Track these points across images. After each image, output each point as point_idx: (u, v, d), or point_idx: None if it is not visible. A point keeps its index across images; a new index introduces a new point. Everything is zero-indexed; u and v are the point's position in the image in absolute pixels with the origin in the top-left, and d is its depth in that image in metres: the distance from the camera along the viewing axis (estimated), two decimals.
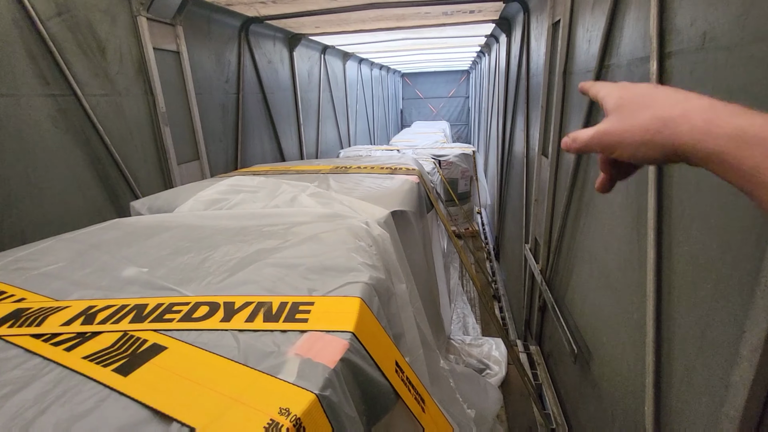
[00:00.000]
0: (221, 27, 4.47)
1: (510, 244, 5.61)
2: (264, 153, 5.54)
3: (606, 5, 2.04)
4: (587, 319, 2.35)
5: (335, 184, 2.00)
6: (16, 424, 0.56)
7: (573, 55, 2.70)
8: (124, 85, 3.17)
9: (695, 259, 1.32)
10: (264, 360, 0.70)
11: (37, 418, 0.57)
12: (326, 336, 0.77)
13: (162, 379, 0.65)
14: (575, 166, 2.50)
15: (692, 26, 1.34)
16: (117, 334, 0.78)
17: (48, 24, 2.56)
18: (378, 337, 0.89)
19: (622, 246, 1.88)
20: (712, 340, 1.21)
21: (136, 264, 1.11)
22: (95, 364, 0.69)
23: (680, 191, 1.41)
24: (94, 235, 1.37)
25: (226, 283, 0.98)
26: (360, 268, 1.03)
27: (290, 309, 0.85)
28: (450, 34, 7.05)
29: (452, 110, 17.32)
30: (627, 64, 1.85)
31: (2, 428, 0.55)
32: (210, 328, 0.80)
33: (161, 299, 0.90)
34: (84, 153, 2.84)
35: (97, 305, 0.89)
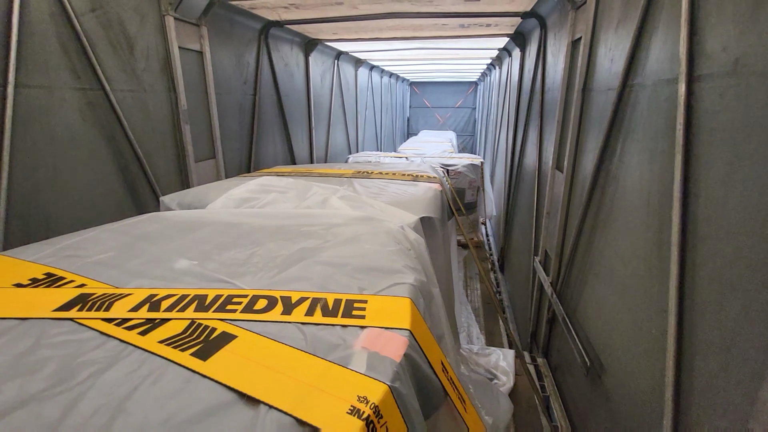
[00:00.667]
0: (243, 29, 4.55)
1: (516, 255, 5.65)
2: (276, 154, 5.60)
3: (631, 26, 2.10)
4: (600, 332, 2.37)
5: (361, 189, 2.04)
6: (113, 399, 0.59)
7: (593, 72, 2.76)
8: (149, 81, 3.22)
9: (721, 278, 1.36)
10: (332, 351, 0.73)
11: (132, 395, 0.61)
12: (386, 332, 0.80)
13: (239, 365, 0.69)
14: (593, 180, 2.54)
15: (724, 51, 1.39)
16: (185, 322, 0.81)
17: (82, 19, 2.62)
18: (427, 337, 0.92)
19: (641, 262, 1.91)
20: (738, 357, 1.24)
21: (184, 256, 1.14)
22: (173, 349, 0.72)
23: (707, 210, 1.45)
24: (136, 227, 1.40)
25: (278, 278, 1.02)
26: (404, 270, 1.07)
27: (346, 305, 0.89)
28: (463, 46, 7.15)
29: (458, 121, 17.45)
30: (653, 84, 1.90)
31: (101, 401, 0.58)
32: (272, 319, 0.83)
33: (219, 291, 0.94)
34: (108, 146, 2.89)
35: (158, 294, 0.92)
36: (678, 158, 1.58)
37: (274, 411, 0.59)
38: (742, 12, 1.31)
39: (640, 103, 2.03)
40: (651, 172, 1.86)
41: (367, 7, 4.28)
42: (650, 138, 1.89)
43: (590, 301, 2.58)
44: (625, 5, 2.27)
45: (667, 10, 1.81)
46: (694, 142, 1.54)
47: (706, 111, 1.48)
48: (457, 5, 4.18)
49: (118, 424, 0.55)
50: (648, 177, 1.89)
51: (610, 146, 2.38)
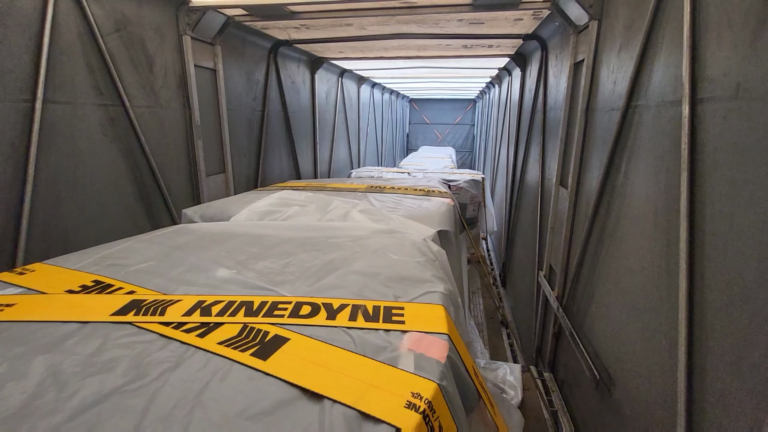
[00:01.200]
0: (254, 48, 4.69)
1: (519, 270, 5.69)
2: (282, 169, 5.68)
3: (634, 50, 2.22)
4: (609, 345, 2.42)
5: (377, 203, 2.11)
6: (189, 393, 0.64)
7: (596, 93, 2.88)
8: (166, 98, 3.32)
9: (729, 290, 1.42)
10: (381, 353, 0.79)
11: (204, 390, 0.66)
12: (428, 336, 0.86)
13: (297, 364, 0.74)
14: (598, 196, 2.63)
15: (726, 76, 1.49)
16: (238, 326, 0.87)
17: (107, 39, 2.72)
18: (460, 342, 0.98)
19: (650, 275, 1.97)
20: (750, 365, 1.30)
21: (222, 265, 1.20)
22: (233, 349, 0.78)
23: (713, 225, 1.52)
24: (169, 238, 1.46)
25: (317, 287, 1.07)
26: (433, 279, 1.12)
27: (385, 312, 0.94)
28: (464, 65, 7.36)
29: (457, 137, 17.71)
30: (656, 105, 2.00)
31: (179, 395, 0.63)
32: (319, 324, 0.89)
33: (264, 298, 0.99)
34: (126, 160, 2.96)
35: (206, 300, 0.98)
36: (684, 176, 1.67)
37: (338, 405, 0.64)
38: (742, 40, 1.42)
39: (645, 123, 2.13)
40: (657, 188, 1.95)
41: (375, 28, 4.44)
42: (655, 156, 1.98)
43: (597, 315, 2.63)
44: (627, 31, 2.40)
45: (669, 36, 1.93)
46: (699, 160, 1.63)
47: (710, 132, 1.57)
48: (461, 27, 4.35)
49: (198, 415, 0.60)
50: (654, 193, 1.97)
51: (614, 164, 2.47)
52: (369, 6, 3.60)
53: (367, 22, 4.21)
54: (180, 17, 3.39)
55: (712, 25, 1.60)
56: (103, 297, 0.99)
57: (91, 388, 0.65)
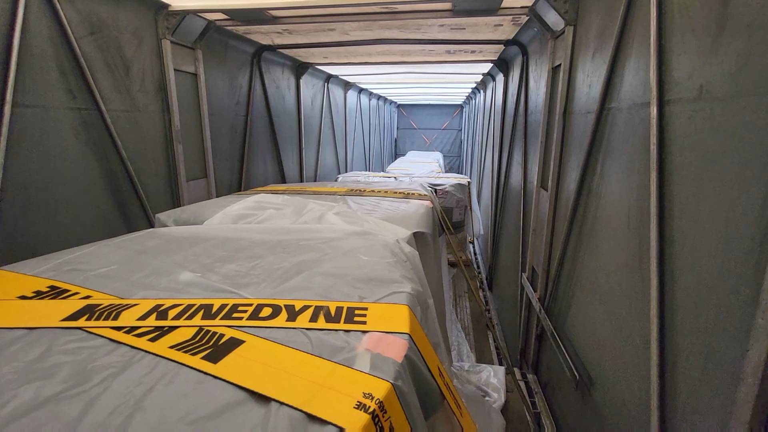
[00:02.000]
0: (236, 52, 4.67)
1: (504, 273, 5.72)
2: (266, 174, 5.64)
3: (606, 55, 2.26)
4: (588, 345, 2.43)
5: (355, 205, 2.09)
6: (130, 399, 0.62)
7: (573, 97, 2.93)
8: (144, 102, 3.27)
9: (697, 287, 1.44)
10: (337, 353, 0.77)
11: (147, 395, 0.63)
12: (388, 336, 0.84)
13: (249, 367, 0.72)
14: (576, 197, 2.66)
15: (690, 79, 1.53)
16: (193, 329, 0.84)
17: (81, 42, 2.68)
18: (424, 342, 0.97)
19: (624, 274, 2.00)
20: (716, 360, 1.31)
21: (187, 269, 1.17)
22: (183, 353, 0.75)
23: (681, 223, 1.55)
24: (136, 242, 1.42)
25: (281, 288, 1.05)
26: (401, 280, 1.12)
27: (347, 312, 0.93)
28: (449, 71, 7.43)
29: (445, 142, 17.85)
30: (628, 108, 2.04)
31: (118, 401, 0.61)
32: (278, 326, 0.87)
33: (224, 300, 0.97)
34: (100, 165, 2.90)
35: (164, 304, 0.95)
36: (653, 175, 1.70)
37: (285, 407, 0.62)
38: (704, 44, 1.45)
39: (617, 125, 2.17)
40: (630, 188, 1.98)
41: (358, 34, 4.46)
42: (628, 157, 2.02)
43: (577, 316, 2.65)
44: (600, 36, 2.45)
45: (638, 41, 1.97)
46: (667, 160, 1.66)
47: (677, 133, 1.60)
48: (443, 33, 4.39)
49: (136, 421, 0.57)
50: (627, 193, 2.00)
51: (591, 165, 2.51)
52: (351, 11, 3.61)
53: (350, 28, 4.22)
54: (159, 21, 3.36)
55: (676, 30, 1.64)
56: (56, 302, 0.95)
57: (26, 395, 0.62)
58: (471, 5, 3.26)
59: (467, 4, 3.24)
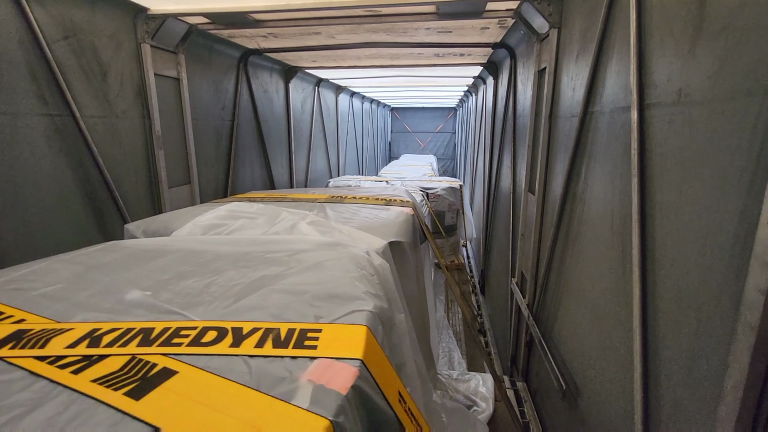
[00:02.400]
0: (221, 57, 4.60)
1: (496, 278, 5.68)
2: (254, 179, 5.57)
3: (589, 58, 2.22)
4: (575, 354, 2.38)
5: (332, 213, 2.03)
6: None
7: (558, 100, 2.89)
8: (122, 108, 3.20)
9: (678, 296, 1.39)
10: (277, 386, 0.71)
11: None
12: (336, 363, 0.78)
13: (175, 404, 0.65)
14: (561, 202, 2.61)
15: (669, 82, 1.48)
16: (125, 358, 0.78)
17: (53, 46, 2.60)
18: (383, 366, 0.90)
19: (608, 282, 1.95)
20: (698, 375, 1.26)
21: (138, 287, 1.11)
22: (105, 388, 0.69)
23: (662, 230, 1.50)
24: (92, 257, 1.35)
25: (233, 308, 0.99)
26: (364, 296, 1.05)
27: (299, 335, 0.87)
28: (440, 74, 7.40)
29: (439, 145, 17.85)
30: (610, 112, 2.00)
31: None
32: (219, 353, 0.80)
33: (168, 323, 0.91)
34: (75, 173, 2.82)
35: (101, 328, 0.88)
36: (634, 181, 1.65)
37: None
38: (682, 47, 1.41)
39: (600, 129, 2.12)
40: (612, 193, 1.93)
41: (344, 37, 4.41)
42: (610, 161, 1.97)
43: (565, 323, 2.60)
44: (583, 38, 2.41)
45: (619, 43, 1.93)
46: (648, 166, 1.61)
47: (657, 137, 1.56)
48: (430, 36, 4.35)
49: None
50: (610, 198, 1.96)
51: (575, 169, 2.46)
52: (334, 14, 3.56)
53: (335, 31, 4.17)
54: (138, 25, 3.29)
55: (655, 32, 1.60)
56: None
57: None
58: (455, 8, 3.22)
59: (451, 7, 3.20)
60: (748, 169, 1.09)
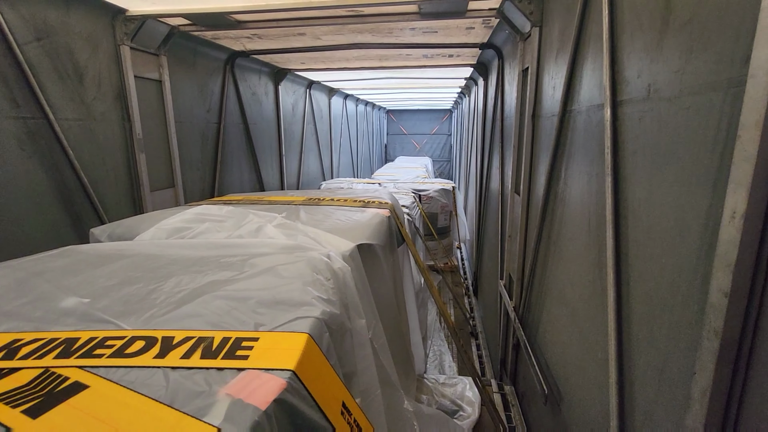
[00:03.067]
0: (206, 58, 4.56)
1: (487, 280, 5.63)
2: (243, 182, 5.52)
3: (567, 57, 2.18)
4: (558, 358, 2.33)
5: (305, 216, 1.99)
6: None
7: (541, 99, 2.85)
8: (101, 110, 3.15)
9: (650, 299, 1.35)
10: (192, 401, 0.66)
11: None
12: (264, 375, 0.73)
13: (74, 423, 0.60)
14: (544, 203, 2.57)
15: (639, 78, 1.44)
16: (36, 371, 0.73)
17: (24, 48, 2.56)
18: (324, 376, 0.85)
19: (586, 284, 1.90)
20: (669, 380, 1.21)
21: (78, 294, 1.05)
22: (3, 404, 0.63)
23: (635, 232, 1.46)
24: (40, 263, 1.30)
25: (170, 316, 0.94)
26: (313, 302, 1.01)
27: (232, 345, 0.82)
28: (431, 75, 7.38)
29: (435, 147, 17.84)
30: (586, 110, 1.96)
31: None
32: (141, 365, 0.75)
33: (95, 333, 0.85)
34: (50, 177, 2.77)
35: (23, 338, 0.83)
36: (608, 180, 1.61)
37: None
38: (650, 41, 1.37)
39: (578, 128, 2.08)
40: (589, 194, 1.89)
41: (330, 38, 4.38)
42: (587, 161, 1.93)
43: (548, 326, 2.55)
44: (561, 37, 2.37)
45: (594, 40, 1.89)
46: (621, 164, 1.57)
47: (628, 134, 1.52)
48: (416, 37, 4.32)
49: None
50: (587, 199, 1.91)
51: (556, 169, 2.42)
52: (316, 14, 3.53)
53: (320, 32, 4.14)
54: (116, 26, 3.25)
55: (626, 27, 1.57)
56: None
57: None
58: (437, 7, 3.18)
59: (433, 7, 3.17)
60: (712, 166, 1.05)
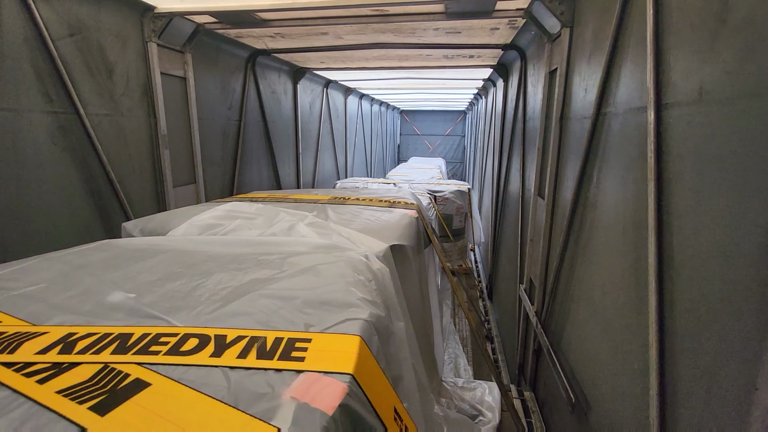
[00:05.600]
0: (229, 56, 4.60)
1: (504, 283, 5.56)
2: (261, 180, 5.55)
3: (602, 57, 2.13)
4: (585, 365, 2.28)
5: (333, 215, 1.98)
6: None
7: (569, 101, 2.80)
8: (128, 106, 3.19)
9: (698, 310, 1.30)
10: (256, 403, 0.65)
11: None
12: (324, 378, 0.72)
13: (142, 422, 0.59)
14: (572, 208, 2.52)
15: (688, 80, 1.39)
16: (97, 366, 0.72)
17: (58, 44, 2.60)
18: (377, 381, 0.84)
19: (620, 291, 1.85)
20: (720, 396, 1.17)
21: (122, 288, 1.05)
22: (70, 400, 0.63)
23: (680, 239, 1.41)
24: (81, 256, 1.31)
25: (218, 313, 0.93)
26: (359, 303, 0.99)
27: (286, 345, 0.81)
28: (449, 76, 7.33)
29: (448, 148, 17.75)
30: (623, 112, 1.91)
31: None
32: (198, 363, 0.75)
33: (148, 329, 0.85)
34: (79, 171, 2.81)
35: (77, 332, 0.83)
36: (651, 185, 1.56)
37: None
38: (701, 43, 1.32)
39: (613, 130, 2.03)
40: (626, 199, 1.84)
41: (352, 38, 4.37)
42: (624, 165, 1.88)
43: (573, 333, 2.50)
44: (596, 38, 2.32)
45: (634, 42, 1.84)
46: (666, 169, 1.52)
47: (675, 138, 1.47)
48: (439, 37, 4.29)
49: None
50: (623, 204, 1.87)
51: (587, 173, 2.37)
52: (341, 14, 3.52)
53: (343, 32, 4.13)
54: (144, 23, 3.29)
55: (674, 28, 1.52)
56: None
57: None
58: (464, 7, 3.15)
59: (460, 6, 3.14)
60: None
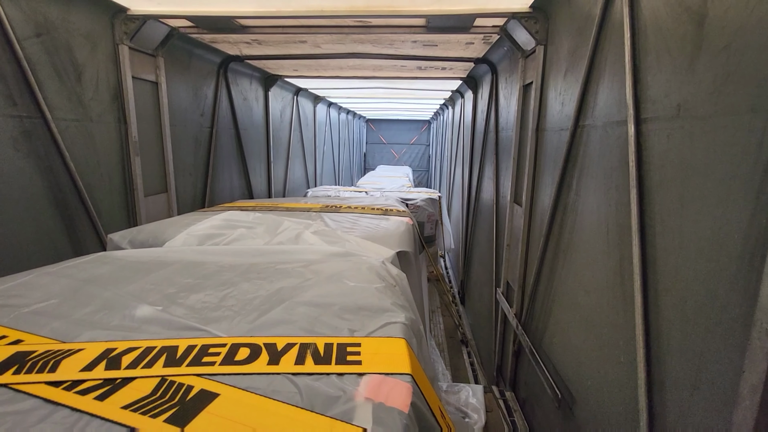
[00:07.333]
0: (201, 62, 4.47)
1: (477, 288, 5.73)
2: (233, 189, 5.39)
3: (579, 74, 2.31)
4: (569, 363, 2.41)
5: (332, 223, 1.98)
6: None
7: (545, 114, 2.99)
8: (98, 111, 3.01)
9: (683, 305, 1.44)
10: (332, 405, 0.66)
11: None
12: (388, 379, 0.74)
13: (227, 430, 0.59)
14: (552, 213, 2.68)
15: (667, 98, 1.56)
16: (154, 381, 0.70)
17: (24, 44, 2.42)
18: (423, 380, 0.86)
19: (604, 291, 1.99)
20: (708, 381, 1.30)
21: (144, 301, 1.01)
22: (141, 415, 0.61)
23: (664, 240, 1.56)
24: (83, 270, 1.24)
25: (259, 322, 0.92)
26: (393, 308, 1.01)
27: (338, 350, 0.82)
28: (419, 87, 7.53)
29: (413, 157, 18.09)
30: (603, 125, 2.07)
31: None
32: (258, 371, 0.74)
33: (192, 340, 0.83)
34: (44, 179, 2.61)
35: (117, 347, 0.80)
36: (633, 192, 1.71)
37: None
38: (680, 64, 1.49)
39: (593, 142, 2.20)
40: (608, 205, 1.99)
41: (330, 47, 4.40)
42: (604, 174, 2.04)
43: (556, 332, 2.64)
44: (572, 56, 2.51)
45: (611, 61, 2.02)
46: (647, 177, 1.68)
47: (656, 150, 1.63)
48: (416, 49, 4.42)
49: None
50: (605, 210, 2.02)
51: (566, 181, 2.54)
52: (323, 23, 3.55)
53: (322, 40, 4.15)
54: (116, 25, 3.13)
55: (651, 50, 1.69)
56: None
57: None
58: (445, 22, 3.29)
59: (441, 21, 3.27)
60: (754, 179, 1.15)
